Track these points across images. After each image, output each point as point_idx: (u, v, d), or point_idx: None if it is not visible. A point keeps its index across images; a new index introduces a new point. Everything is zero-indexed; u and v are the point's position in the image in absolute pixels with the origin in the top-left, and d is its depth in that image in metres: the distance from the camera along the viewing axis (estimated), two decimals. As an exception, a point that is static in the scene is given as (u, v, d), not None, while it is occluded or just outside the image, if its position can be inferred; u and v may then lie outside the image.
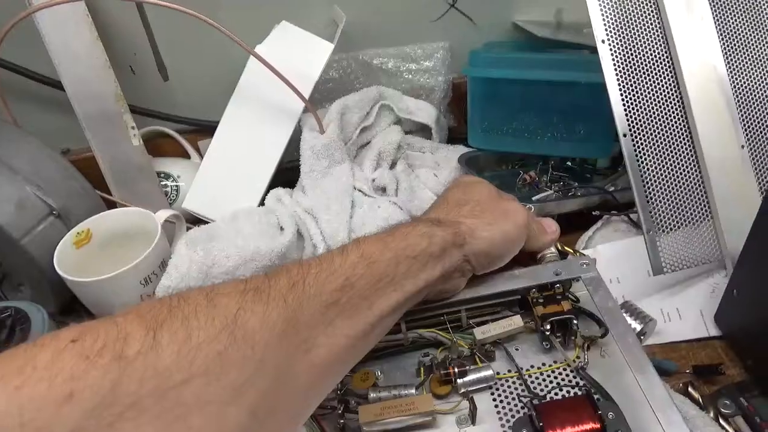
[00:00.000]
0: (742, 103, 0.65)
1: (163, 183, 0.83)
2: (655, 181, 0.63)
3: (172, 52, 0.81)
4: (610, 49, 0.62)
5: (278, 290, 0.33)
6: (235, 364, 0.28)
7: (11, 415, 0.23)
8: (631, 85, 0.63)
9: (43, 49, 0.70)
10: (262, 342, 0.29)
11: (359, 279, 0.36)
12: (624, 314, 0.59)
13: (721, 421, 0.53)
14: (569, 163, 0.82)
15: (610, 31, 0.62)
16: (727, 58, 0.65)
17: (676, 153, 0.64)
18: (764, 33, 0.66)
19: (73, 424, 0.23)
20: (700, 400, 0.55)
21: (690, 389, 0.56)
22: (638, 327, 0.59)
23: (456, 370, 0.45)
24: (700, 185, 0.64)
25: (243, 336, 0.29)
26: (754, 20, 0.66)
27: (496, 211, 0.48)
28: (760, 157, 0.65)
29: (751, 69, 0.65)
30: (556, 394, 0.45)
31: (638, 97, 0.63)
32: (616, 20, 0.63)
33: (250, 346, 0.29)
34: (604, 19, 0.62)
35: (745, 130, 0.65)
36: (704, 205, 0.64)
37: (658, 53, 0.64)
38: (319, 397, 0.38)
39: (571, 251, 0.69)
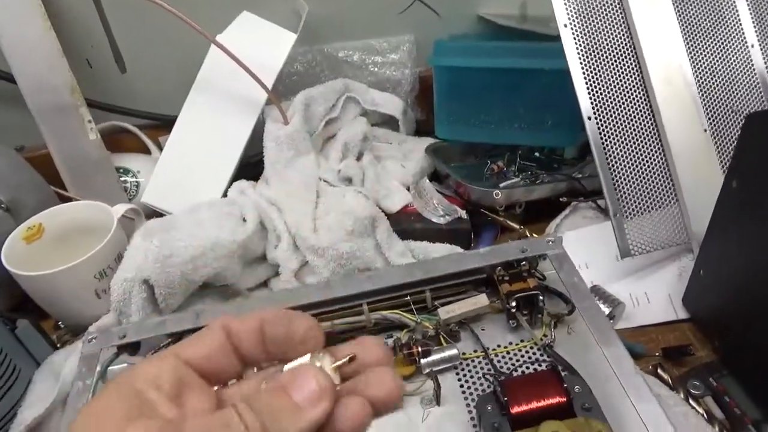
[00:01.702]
0: (704, 87, 0.65)
1: (122, 179, 0.80)
2: (620, 165, 0.62)
3: (130, 43, 0.79)
4: (573, 33, 0.62)
5: None
6: None
7: None
8: (594, 69, 0.63)
9: (-8, 38, 0.67)
10: None
11: None
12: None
13: (691, 401, 0.53)
14: (537, 154, 0.81)
15: (572, 15, 0.62)
16: (687, 42, 0.65)
17: (640, 137, 0.64)
18: (723, 18, 0.67)
19: None
20: (670, 381, 0.54)
21: (659, 371, 0.55)
22: (607, 310, 0.59)
23: (420, 349, 0.43)
24: (664, 169, 0.64)
25: None
26: (713, 5, 0.66)
27: None
28: (723, 140, 0.65)
29: (712, 53, 0.66)
30: (523, 373, 0.43)
31: (601, 81, 0.63)
32: (577, 4, 0.63)
33: None
34: (565, 3, 0.62)
35: (708, 113, 0.65)
36: (669, 188, 0.64)
37: (620, 37, 0.64)
38: None
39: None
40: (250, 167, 0.79)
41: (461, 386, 0.43)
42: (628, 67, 0.64)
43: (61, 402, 0.55)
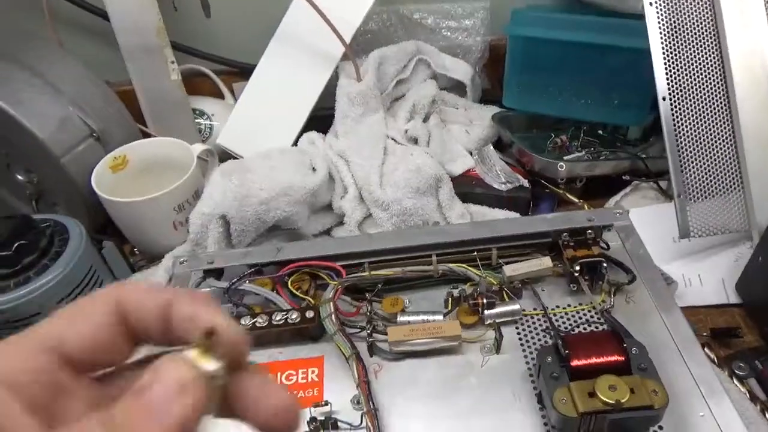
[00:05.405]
0: (784, 76, 0.65)
1: (197, 120, 0.84)
2: (689, 147, 0.63)
3: (216, -11, 0.82)
4: (657, 12, 0.62)
5: None
6: None
7: None
8: (674, 50, 0.63)
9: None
10: None
11: None
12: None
13: (735, 381, 0.54)
14: (600, 131, 0.82)
15: (659, -7, 0.62)
16: (773, 30, 0.64)
17: (712, 121, 0.64)
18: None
19: None
20: (716, 360, 0.56)
21: (706, 350, 0.57)
22: (660, 287, 0.60)
23: (484, 301, 0.46)
24: (733, 155, 0.64)
25: None
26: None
27: None
28: (797, 132, 0.65)
29: (797, 43, 0.65)
30: (580, 333, 0.46)
31: (680, 62, 0.63)
32: (665, -18, 0.62)
33: None
34: (653, -20, 0.62)
35: (784, 104, 0.65)
36: (736, 175, 0.64)
37: (704, 19, 0.64)
38: None
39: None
40: (319, 120, 0.81)
41: (519, 340, 0.46)
42: (709, 50, 0.64)
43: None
